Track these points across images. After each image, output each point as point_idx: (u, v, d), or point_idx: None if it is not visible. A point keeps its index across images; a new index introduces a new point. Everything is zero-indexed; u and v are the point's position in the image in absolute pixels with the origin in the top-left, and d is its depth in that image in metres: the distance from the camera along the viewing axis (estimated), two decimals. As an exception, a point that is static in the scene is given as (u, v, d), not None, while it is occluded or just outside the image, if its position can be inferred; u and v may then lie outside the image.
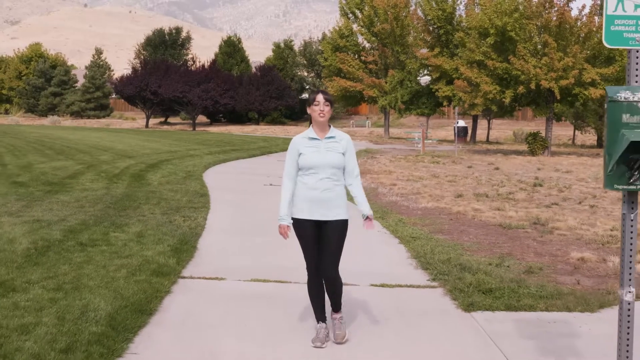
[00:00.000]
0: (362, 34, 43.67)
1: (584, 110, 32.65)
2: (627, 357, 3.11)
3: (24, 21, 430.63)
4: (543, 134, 28.47)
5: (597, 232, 9.17)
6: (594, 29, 26.65)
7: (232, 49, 69.55)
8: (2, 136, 32.71)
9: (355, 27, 44.53)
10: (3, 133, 36.45)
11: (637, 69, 2.87)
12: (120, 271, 5.96)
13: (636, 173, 2.78)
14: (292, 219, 4.56)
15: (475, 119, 40.05)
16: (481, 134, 45.27)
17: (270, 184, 14.19)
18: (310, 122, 4.65)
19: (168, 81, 53.49)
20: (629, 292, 3.04)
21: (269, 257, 7.16)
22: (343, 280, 4.70)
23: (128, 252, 6.76)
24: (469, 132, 40.01)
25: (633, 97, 2.76)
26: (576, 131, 42.58)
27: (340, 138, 4.62)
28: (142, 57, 71.69)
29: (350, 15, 45.04)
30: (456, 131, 31.40)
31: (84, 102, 68.02)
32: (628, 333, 3.10)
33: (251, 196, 12.55)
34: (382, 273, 6.53)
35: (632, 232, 3.02)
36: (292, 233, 4.57)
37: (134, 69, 58.85)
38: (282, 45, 70.34)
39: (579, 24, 26.87)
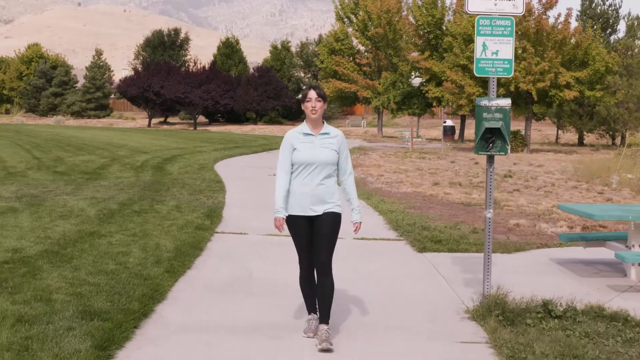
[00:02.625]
0: (356, 38, 45.97)
1: (560, 111, 34.92)
2: (489, 251, 5.37)
3: (17, 20, 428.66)
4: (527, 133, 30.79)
5: (538, 208, 11.45)
6: (569, 35, 28.95)
7: (230, 50, 71.60)
8: (18, 134, 34.83)
9: (350, 31, 46.83)
10: (17, 132, 38.52)
11: (493, 88, 5.13)
12: (172, 227, 8.23)
13: (490, 144, 5.05)
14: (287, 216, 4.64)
15: (463, 119, 42.34)
16: (472, 133, 47.60)
17: (274, 174, 16.42)
18: (305, 119, 4.76)
19: (170, 82, 55.68)
20: (489, 212, 5.30)
21: (277, 222, 9.42)
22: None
23: (173, 217, 9.03)
24: (457, 131, 42.32)
25: (488, 103, 5.02)
26: (560, 130, 44.93)
27: (335, 134, 4.66)
28: (142, 57, 73.81)
29: (345, 19, 47.31)
30: (443, 130, 33.69)
31: (84, 102, 69.12)
32: (489, 237, 5.35)
33: (258, 183, 14.80)
34: (362, 232, 8.75)
35: (491, 177, 5.28)
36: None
37: (137, 70, 61.03)
38: (279, 46, 72.52)
39: (555, 31, 29.17)
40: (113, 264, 6.13)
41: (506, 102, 4.99)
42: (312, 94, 4.61)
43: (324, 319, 4.57)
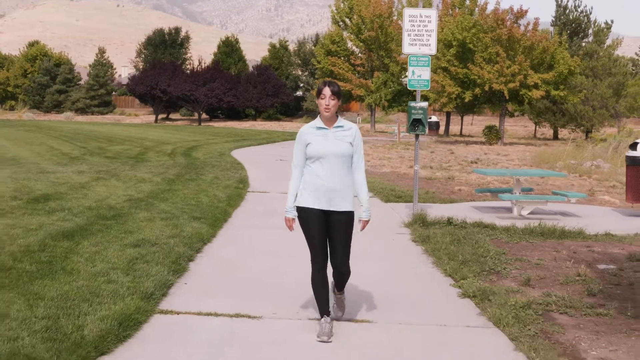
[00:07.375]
0: (351, 40, 49.90)
1: (531, 108, 38.85)
2: (416, 189, 9.23)
3: (8, 15, 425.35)
4: (510, 128, 34.72)
5: (481, 181, 15.32)
6: (537, 41, 32.86)
7: (230, 49, 75.23)
8: (41, 129, 38.45)
9: (345, 34, 50.77)
10: (38, 127, 42.09)
11: (419, 95, 8.98)
12: (219, 187, 12.12)
13: (416, 128, 8.91)
14: (298, 207, 4.65)
15: (448, 115, 46.33)
16: (465, 129, 51.58)
17: (281, 159, 20.30)
18: (319, 114, 4.67)
19: (176, 81, 59.52)
20: (417, 166, 9.15)
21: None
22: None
23: (216, 183, 12.90)
24: (441, 126, 46.30)
25: (415, 105, 8.87)
26: (537, 126, 48.88)
27: (349, 127, 4.64)
28: (144, 56, 77.37)
29: (340, 23, 51.27)
30: (428, 125, 37.61)
31: (88, 99, 72.05)
32: (417, 181, 9.20)
33: (269, 165, 18.66)
34: (348, 192, 12.65)
35: (417, 145, 9.13)
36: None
37: (144, 69, 64.86)
38: (277, 45, 76.31)
39: (524, 38, 33.07)
40: (194, 202, 10.02)
41: (425, 104, 8.87)
42: (327, 91, 4.57)
43: (340, 288, 4.91)
